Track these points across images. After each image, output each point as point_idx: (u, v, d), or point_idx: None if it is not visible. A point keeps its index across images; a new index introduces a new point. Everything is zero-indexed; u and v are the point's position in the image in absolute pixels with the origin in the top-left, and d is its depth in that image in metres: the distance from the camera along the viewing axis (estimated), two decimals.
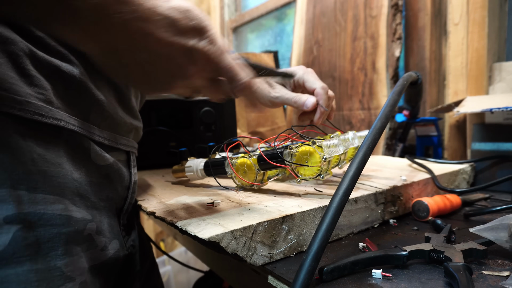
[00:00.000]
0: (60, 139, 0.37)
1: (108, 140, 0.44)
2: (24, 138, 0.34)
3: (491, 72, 0.81)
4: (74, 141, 0.39)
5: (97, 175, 0.42)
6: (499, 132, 0.71)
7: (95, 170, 0.42)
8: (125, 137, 0.49)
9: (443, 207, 0.52)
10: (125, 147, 0.49)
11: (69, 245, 0.36)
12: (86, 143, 0.40)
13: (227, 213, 0.41)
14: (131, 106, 0.49)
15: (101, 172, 0.43)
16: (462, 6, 0.83)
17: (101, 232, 0.41)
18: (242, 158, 0.53)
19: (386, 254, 0.36)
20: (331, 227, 0.33)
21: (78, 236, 0.37)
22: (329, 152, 0.46)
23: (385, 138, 0.97)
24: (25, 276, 0.32)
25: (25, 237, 0.32)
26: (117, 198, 0.47)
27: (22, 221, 0.32)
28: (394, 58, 0.96)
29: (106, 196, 0.44)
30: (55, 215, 0.35)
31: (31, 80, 0.35)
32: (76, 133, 0.39)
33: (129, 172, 0.49)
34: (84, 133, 0.40)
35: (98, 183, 0.43)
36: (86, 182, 0.40)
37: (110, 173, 0.44)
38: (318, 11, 1.22)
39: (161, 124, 0.85)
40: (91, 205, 0.41)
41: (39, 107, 0.35)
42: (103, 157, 0.43)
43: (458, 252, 0.35)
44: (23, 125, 0.34)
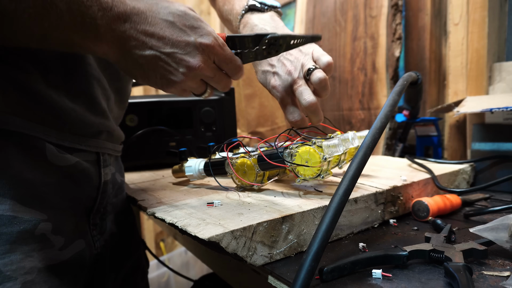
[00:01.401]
0: (8, 141, 0.37)
1: (69, 142, 0.44)
2: None
3: (491, 72, 0.80)
4: (26, 143, 0.39)
5: (57, 176, 0.42)
6: (499, 132, 0.71)
7: (54, 171, 0.42)
8: (93, 138, 0.48)
9: (443, 207, 0.52)
10: (94, 148, 0.48)
11: (12, 245, 0.36)
12: (40, 144, 0.40)
13: (227, 213, 0.41)
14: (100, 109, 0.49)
15: (63, 172, 0.43)
16: (462, 6, 0.83)
17: (60, 231, 0.41)
18: (242, 158, 0.53)
19: (386, 254, 0.36)
20: (331, 227, 0.33)
21: (25, 236, 0.37)
22: (329, 152, 0.46)
23: (385, 138, 0.97)
24: None
25: None
26: (85, 198, 0.46)
27: None
28: (394, 58, 0.96)
29: (72, 196, 0.44)
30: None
31: None
32: (27, 135, 0.39)
33: (99, 172, 0.49)
34: (38, 135, 0.40)
35: (60, 183, 0.42)
36: (42, 183, 0.40)
37: (74, 174, 0.44)
38: (318, 11, 1.22)
39: (161, 124, 0.85)
40: (49, 205, 0.40)
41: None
42: (62, 158, 0.43)
43: (458, 252, 0.35)
44: None
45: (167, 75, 0.41)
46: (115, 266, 0.54)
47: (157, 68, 0.40)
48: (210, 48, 0.42)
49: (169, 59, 0.40)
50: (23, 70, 0.39)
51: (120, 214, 0.58)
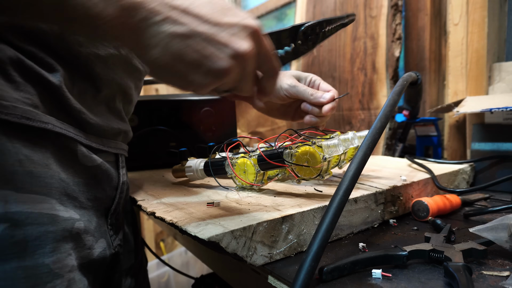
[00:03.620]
0: (47, 141, 0.38)
1: (95, 143, 0.45)
2: (10, 140, 0.35)
3: (491, 72, 0.81)
4: (61, 143, 0.40)
5: (84, 176, 0.43)
6: (499, 132, 0.71)
7: (82, 170, 0.43)
8: (113, 140, 0.50)
9: (443, 207, 0.52)
10: (113, 150, 0.49)
11: (58, 243, 0.37)
12: (73, 145, 0.41)
13: (227, 213, 0.41)
14: (118, 110, 0.50)
15: (89, 172, 0.44)
16: (462, 6, 0.83)
17: (89, 231, 0.42)
18: (242, 158, 0.53)
19: (386, 254, 0.36)
20: (331, 227, 0.33)
21: (66, 234, 0.38)
22: (329, 152, 0.46)
23: (385, 138, 0.97)
24: (13, 273, 0.33)
25: (12, 235, 0.33)
26: (105, 198, 0.47)
27: (9, 219, 0.33)
28: (394, 58, 0.96)
29: (94, 196, 0.45)
30: (42, 214, 0.36)
31: (17, 86, 0.36)
32: (63, 135, 0.40)
33: (118, 173, 0.50)
34: (71, 135, 0.41)
35: (86, 183, 0.43)
36: (73, 183, 0.41)
37: (98, 174, 0.45)
38: (318, 11, 1.22)
39: (161, 124, 0.85)
40: (79, 205, 0.42)
41: (26, 111, 0.36)
42: (90, 158, 0.44)
43: (458, 252, 0.35)
44: (10, 128, 0.35)
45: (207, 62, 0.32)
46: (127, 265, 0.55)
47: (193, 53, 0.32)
48: (257, 34, 0.34)
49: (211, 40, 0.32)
50: (56, 72, 0.40)
51: (128, 214, 0.59)
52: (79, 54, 0.42)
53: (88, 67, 0.44)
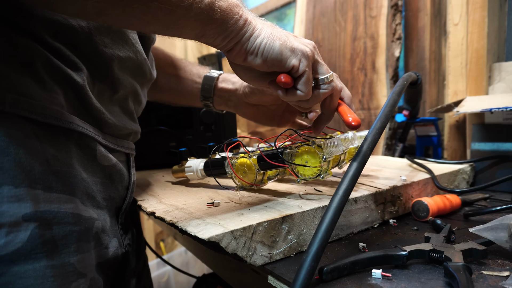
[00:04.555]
0: (71, 141, 0.39)
1: (111, 143, 0.46)
2: (39, 139, 0.35)
3: (491, 72, 0.81)
4: (83, 142, 0.41)
5: (101, 175, 0.44)
6: (499, 132, 0.71)
7: (100, 170, 0.44)
8: (125, 140, 0.51)
9: (442, 207, 0.52)
10: (125, 149, 0.50)
11: (81, 243, 0.37)
12: (93, 144, 0.42)
13: (227, 213, 0.41)
14: (130, 111, 0.51)
15: (105, 172, 0.44)
16: (462, 6, 0.83)
17: (105, 230, 0.43)
18: (242, 158, 0.53)
19: (386, 254, 0.36)
20: (331, 227, 0.33)
21: (88, 234, 0.39)
22: (329, 152, 0.46)
23: (385, 138, 0.97)
24: (42, 272, 0.33)
25: (42, 234, 0.34)
26: (118, 198, 0.48)
27: (39, 219, 0.34)
28: (394, 58, 0.96)
29: (109, 196, 0.45)
30: (67, 214, 0.36)
31: (45, 86, 0.37)
32: (85, 135, 0.41)
33: (129, 173, 0.51)
34: (92, 135, 0.42)
35: (102, 182, 0.44)
36: (92, 182, 0.42)
37: (113, 173, 0.46)
38: (318, 11, 1.22)
39: (161, 124, 0.85)
40: (97, 205, 0.42)
41: (53, 111, 0.37)
42: (107, 157, 0.45)
43: (458, 252, 0.35)
44: (38, 127, 0.35)
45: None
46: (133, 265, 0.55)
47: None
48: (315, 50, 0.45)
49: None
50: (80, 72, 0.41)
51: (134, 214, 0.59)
52: (103, 54, 0.43)
53: (109, 68, 0.45)
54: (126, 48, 0.46)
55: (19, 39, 0.35)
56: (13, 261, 0.32)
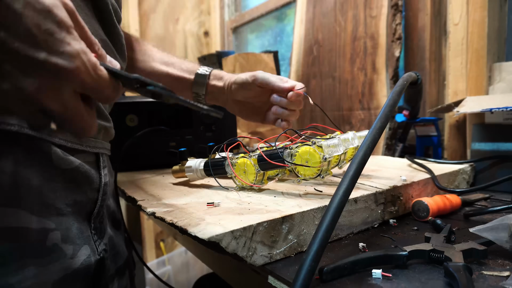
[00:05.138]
0: (17, 146, 0.35)
1: (71, 143, 0.42)
2: None
3: (491, 72, 0.81)
4: (32, 146, 0.37)
5: (61, 180, 0.40)
6: (499, 132, 0.71)
7: (59, 174, 0.40)
8: (92, 138, 0.46)
9: (443, 207, 0.52)
10: (92, 149, 0.46)
11: (24, 260, 0.34)
12: (46, 147, 0.38)
13: (227, 213, 0.41)
14: (98, 107, 0.46)
15: (66, 176, 0.41)
16: (462, 6, 0.83)
17: (68, 239, 0.39)
18: (242, 158, 0.53)
19: (386, 254, 0.36)
20: (331, 227, 0.33)
21: (37, 249, 0.35)
22: (329, 152, 0.46)
23: (385, 138, 0.97)
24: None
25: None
26: (87, 202, 0.44)
27: None
28: (394, 58, 0.96)
29: (73, 201, 0.41)
30: (7, 229, 0.33)
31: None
32: (33, 137, 0.36)
33: (99, 174, 0.47)
34: (43, 136, 0.37)
35: (64, 188, 0.40)
36: (48, 189, 0.38)
37: (77, 176, 0.42)
38: (318, 11, 1.22)
39: (161, 124, 0.85)
40: (56, 212, 0.38)
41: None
42: (66, 160, 0.40)
43: (458, 252, 0.35)
44: None
45: None
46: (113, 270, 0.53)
47: None
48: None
49: None
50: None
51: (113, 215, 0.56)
52: None
53: None
54: None
55: None
56: None
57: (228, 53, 1.35)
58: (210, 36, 2.07)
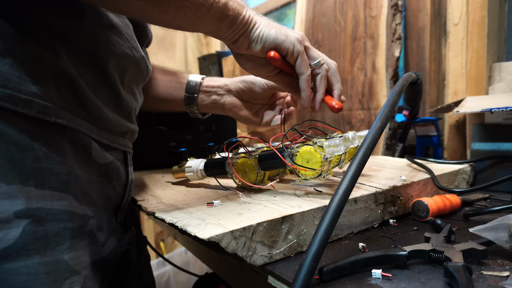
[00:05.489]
0: (64, 137, 0.39)
1: (106, 139, 0.46)
2: (31, 136, 0.35)
3: (491, 72, 0.81)
4: (76, 139, 0.40)
5: (97, 173, 0.43)
6: (499, 132, 0.71)
7: (96, 168, 0.43)
8: (121, 137, 0.50)
9: (442, 207, 0.52)
10: (122, 147, 0.50)
11: (74, 240, 0.37)
12: (87, 141, 0.42)
13: (227, 213, 0.41)
14: (127, 111, 0.51)
15: (101, 170, 0.44)
16: (462, 6, 0.83)
17: (101, 228, 0.42)
18: (243, 158, 0.53)
19: (386, 254, 0.36)
20: (331, 227, 0.33)
21: (81, 231, 0.39)
22: (330, 152, 0.46)
23: (385, 138, 0.97)
24: (35, 269, 0.33)
25: (34, 231, 0.34)
26: (115, 196, 0.48)
27: (31, 216, 0.34)
28: (394, 58, 0.96)
29: (105, 194, 0.45)
30: (61, 211, 0.36)
31: (35, 79, 0.36)
32: (78, 131, 0.40)
33: (126, 171, 0.51)
34: (85, 131, 0.41)
35: (99, 181, 0.44)
36: (87, 180, 0.41)
37: (109, 171, 0.46)
38: (318, 11, 1.22)
39: (161, 124, 0.85)
40: (92, 202, 0.42)
41: (41, 106, 0.36)
42: (103, 155, 0.44)
43: (458, 252, 0.35)
44: (29, 123, 0.35)
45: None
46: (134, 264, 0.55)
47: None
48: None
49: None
50: (74, 66, 0.40)
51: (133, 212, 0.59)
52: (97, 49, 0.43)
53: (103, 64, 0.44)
54: (121, 44, 0.46)
55: (6, 33, 0.34)
56: (5, 258, 0.32)
57: (228, 53, 1.35)
58: None
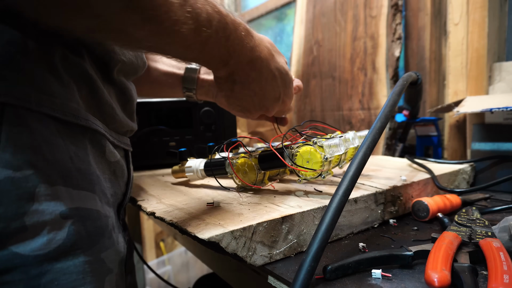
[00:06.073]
0: (86, 138, 0.39)
1: (116, 140, 0.47)
2: (62, 137, 0.35)
3: (491, 72, 0.80)
4: (95, 139, 0.41)
5: (109, 172, 0.44)
6: (499, 132, 0.71)
7: (108, 166, 0.44)
8: (125, 136, 0.52)
9: (443, 207, 0.52)
10: (125, 146, 0.51)
11: (104, 239, 0.38)
12: (103, 141, 0.43)
13: (227, 213, 0.41)
14: (131, 110, 0.52)
15: (111, 168, 0.45)
16: (462, 6, 0.83)
17: (114, 227, 0.43)
18: (243, 158, 0.53)
19: (391, 254, 0.36)
20: (331, 227, 0.33)
21: (107, 230, 0.39)
22: (330, 152, 0.46)
23: (385, 138, 0.97)
24: (82, 267, 0.34)
25: (78, 231, 0.35)
26: (120, 194, 0.48)
27: (74, 216, 0.34)
28: (394, 58, 0.96)
29: (114, 192, 0.45)
30: (93, 211, 0.37)
31: (63, 82, 0.36)
32: (97, 132, 0.41)
33: (128, 168, 0.51)
34: (103, 132, 0.42)
35: (110, 179, 0.44)
36: (103, 179, 0.42)
37: (116, 169, 0.46)
38: (318, 11, 1.22)
39: (161, 124, 0.85)
40: (107, 201, 0.42)
41: (73, 109, 0.37)
42: (113, 154, 0.45)
43: (464, 253, 0.35)
44: (60, 125, 0.35)
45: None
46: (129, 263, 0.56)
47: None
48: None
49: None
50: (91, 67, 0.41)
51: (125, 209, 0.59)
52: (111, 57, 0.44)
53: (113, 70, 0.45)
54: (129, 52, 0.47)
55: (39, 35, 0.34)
56: (55, 258, 0.33)
57: None
58: None
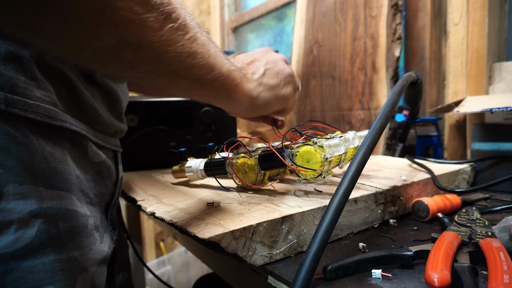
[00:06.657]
0: (64, 139, 0.39)
1: (101, 140, 0.47)
2: (36, 138, 0.36)
3: (491, 72, 0.80)
4: (75, 140, 0.41)
5: (92, 172, 0.44)
6: (499, 132, 0.71)
7: (91, 167, 0.44)
8: (113, 137, 0.52)
9: (443, 207, 0.52)
10: (113, 146, 0.51)
11: (80, 238, 0.38)
12: (85, 142, 0.43)
13: (227, 213, 0.41)
14: (119, 112, 0.52)
15: (96, 168, 0.45)
16: (462, 6, 0.83)
17: (97, 227, 0.43)
18: (243, 158, 0.53)
19: (392, 254, 0.36)
20: (331, 227, 0.33)
21: (85, 230, 0.39)
22: (330, 152, 0.46)
23: (385, 138, 0.97)
24: (51, 266, 0.35)
25: (48, 230, 0.35)
26: (107, 194, 0.48)
27: (44, 215, 0.35)
28: (394, 58, 0.96)
29: (99, 192, 0.46)
30: (68, 210, 0.37)
31: (38, 84, 0.37)
32: (77, 133, 0.41)
33: (116, 169, 0.52)
34: (84, 133, 0.42)
35: (93, 179, 0.45)
36: (85, 179, 0.42)
37: (102, 170, 0.47)
38: (318, 11, 1.22)
39: (161, 124, 0.85)
40: (89, 201, 0.43)
41: (47, 110, 0.37)
42: (97, 154, 0.45)
43: (464, 253, 0.35)
44: (35, 126, 0.36)
45: None
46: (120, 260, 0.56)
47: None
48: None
49: None
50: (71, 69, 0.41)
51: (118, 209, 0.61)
52: None
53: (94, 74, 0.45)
54: None
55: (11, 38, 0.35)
56: (23, 257, 0.33)
57: (228, 53, 1.35)
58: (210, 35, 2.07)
